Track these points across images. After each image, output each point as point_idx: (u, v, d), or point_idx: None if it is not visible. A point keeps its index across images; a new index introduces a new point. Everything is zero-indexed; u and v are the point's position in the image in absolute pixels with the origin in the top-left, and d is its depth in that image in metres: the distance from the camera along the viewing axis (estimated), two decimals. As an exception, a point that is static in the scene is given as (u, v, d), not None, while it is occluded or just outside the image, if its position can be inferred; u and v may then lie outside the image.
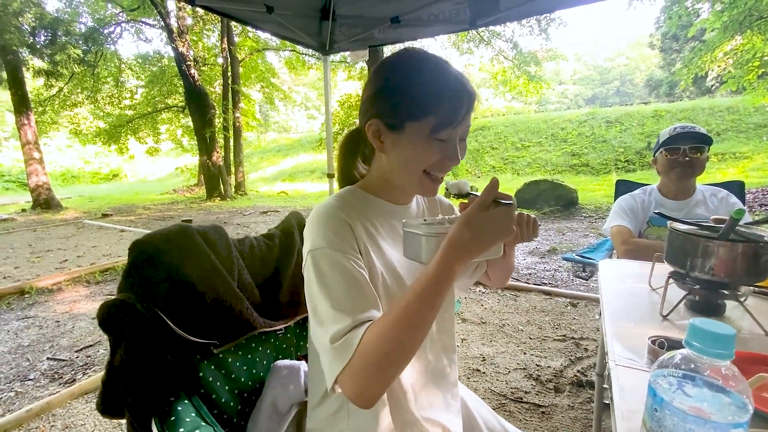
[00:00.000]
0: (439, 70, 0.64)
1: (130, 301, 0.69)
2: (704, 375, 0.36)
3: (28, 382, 2.17)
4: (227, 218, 8.25)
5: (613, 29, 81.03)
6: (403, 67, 0.66)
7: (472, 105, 0.64)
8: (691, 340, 0.36)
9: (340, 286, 0.59)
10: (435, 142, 0.64)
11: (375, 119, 0.66)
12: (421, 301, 0.55)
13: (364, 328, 0.56)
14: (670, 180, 1.61)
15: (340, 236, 0.63)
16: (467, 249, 0.56)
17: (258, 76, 14.46)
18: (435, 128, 0.63)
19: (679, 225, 0.92)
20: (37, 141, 10.06)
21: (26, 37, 9.39)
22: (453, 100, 0.62)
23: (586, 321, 2.63)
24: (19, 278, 4.09)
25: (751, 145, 10.99)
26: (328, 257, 0.61)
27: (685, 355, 0.37)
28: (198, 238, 0.83)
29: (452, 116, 0.62)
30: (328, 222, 0.65)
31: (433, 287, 0.55)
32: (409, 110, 0.63)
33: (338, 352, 0.55)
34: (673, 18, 9.01)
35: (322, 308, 0.59)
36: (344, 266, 0.61)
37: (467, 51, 12.47)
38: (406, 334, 0.54)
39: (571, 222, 6.28)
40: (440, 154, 0.65)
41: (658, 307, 0.91)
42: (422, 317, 0.55)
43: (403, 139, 0.65)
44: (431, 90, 0.62)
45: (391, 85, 0.65)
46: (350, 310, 0.57)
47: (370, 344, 0.54)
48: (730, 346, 0.34)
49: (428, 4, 2.11)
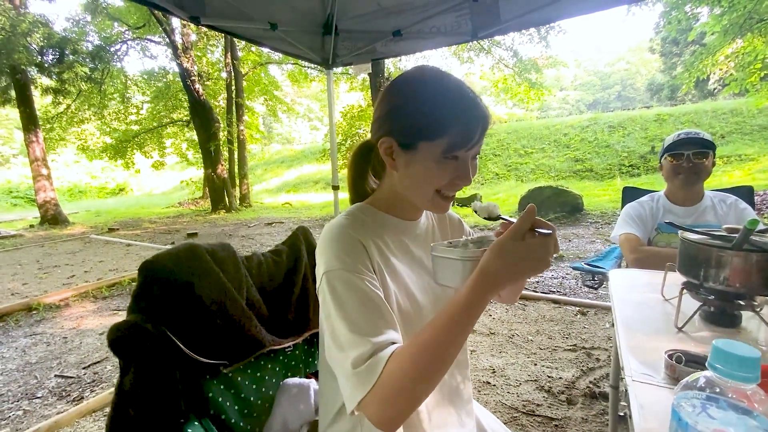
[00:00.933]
0: (454, 90, 0.63)
1: (140, 323, 0.69)
2: (729, 397, 0.35)
3: (36, 400, 2.17)
4: (232, 230, 8.28)
5: (612, 35, 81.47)
6: (418, 87, 0.65)
7: (487, 127, 0.64)
8: (715, 362, 0.35)
9: (356, 308, 0.58)
10: (447, 162, 0.63)
11: (388, 137, 0.66)
12: (451, 329, 0.54)
13: (388, 352, 0.55)
14: (675, 186, 1.60)
15: (354, 256, 0.63)
16: (499, 279, 0.54)
17: (261, 89, 14.67)
18: (448, 149, 0.62)
19: (691, 235, 0.90)
20: (45, 157, 10.22)
21: (35, 57, 9.60)
22: (468, 122, 0.62)
23: (596, 330, 2.59)
24: (26, 294, 4.12)
25: (756, 147, 10.91)
26: (342, 279, 0.60)
27: (709, 378, 0.36)
28: (207, 257, 0.83)
29: (466, 138, 0.62)
30: (341, 242, 0.64)
31: (464, 316, 0.54)
32: (422, 130, 0.62)
33: (361, 377, 0.54)
34: (673, 23, 9.04)
35: (341, 332, 0.57)
36: (360, 287, 0.60)
37: (468, 60, 12.57)
38: (434, 362, 0.53)
39: (577, 228, 6.24)
40: (452, 175, 0.64)
41: (672, 318, 0.89)
42: (451, 345, 0.54)
43: (416, 159, 0.64)
44: (446, 111, 0.62)
45: (405, 104, 0.65)
46: (369, 332, 0.56)
47: (397, 371, 0.53)
48: (756, 369, 0.33)
49: (430, 17, 2.13)
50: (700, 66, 8.26)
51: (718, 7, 7.54)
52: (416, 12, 2.14)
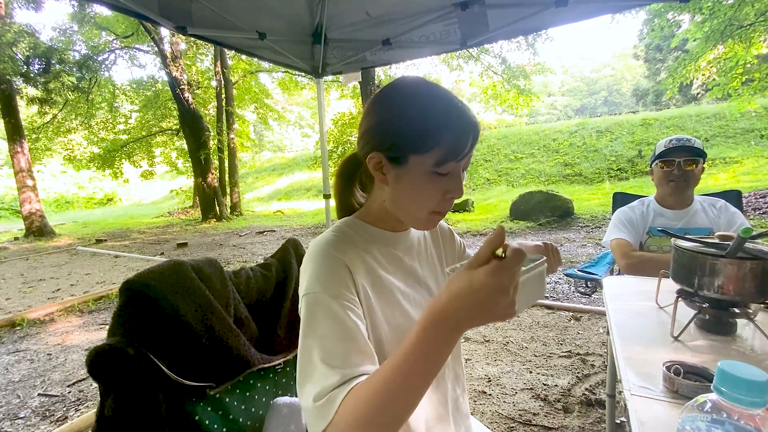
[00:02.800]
0: (442, 100, 0.61)
1: (119, 346, 0.65)
2: (734, 420, 0.34)
3: (19, 421, 2.09)
4: (223, 240, 8.18)
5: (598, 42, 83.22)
6: (404, 98, 0.63)
7: (477, 136, 0.62)
8: (721, 385, 0.33)
9: (331, 337, 0.55)
10: (439, 176, 0.61)
11: (376, 152, 0.63)
12: (405, 373, 0.47)
13: (348, 387, 0.51)
14: (666, 192, 1.62)
15: (336, 280, 0.60)
16: (453, 323, 0.46)
17: (252, 97, 14.63)
18: (440, 161, 0.60)
19: (685, 243, 0.90)
20: (31, 168, 10.03)
21: (20, 67, 9.46)
22: (458, 132, 0.60)
23: (590, 335, 2.59)
24: (10, 310, 4.00)
25: (740, 150, 11.16)
26: (322, 304, 0.58)
27: (714, 402, 0.35)
28: (192, 274, 0.80)
29: (458, 149, 0.60)
30: (323, 263, 0.62)
31: (419, 362, 0.47)
32: (412, 143, 0.60)
33: (319, 412, 0.51)
34: (656, 30, 9.26)
35: (312, 359, 0.55)
36: (337, 315, 0.57)
37: (457, 67, 12.71)
38: (390, 407, 0.48)
39: (568, 233, 6.28)
40: (444, 189, 0.63)
41: (668, 327, 0.88)
42: (409, 392, 0.48)
43: (407, 173, 0.62)
44: (435, 122, 0.59)
45: (392, 116, 0.63)
46: (340, 365, 0.53)
47: (350, 411, 0.49)
48: (765, 394, 0.32)
49: (419, 26, 2.14)
50: (683, 72, 8.44)
51: (699, 15, 7.74)
52: (405, 21, 2.15)
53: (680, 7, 7.87)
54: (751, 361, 0.79)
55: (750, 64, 7.68)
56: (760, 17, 7.21)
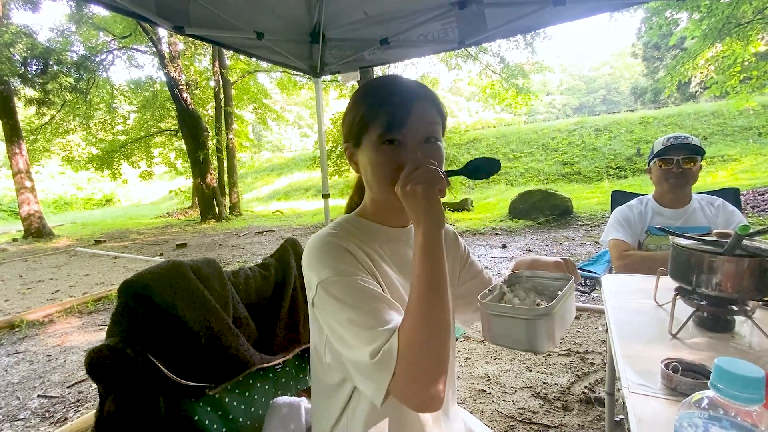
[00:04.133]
0: (385, 83, 0.68)
1: (118, 347, 0.65)
2: (732, 417, 0.34)
3: (18, 423, 2.08)
4: (222, 240, 8.18)
5: (596, 40, 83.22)
6: (359, 91, 0.70)
7: (424, 104, 0.65)
8: (718, 382, 0.33)
9: (359, 307, 0.59)
10: (386, 146, 0.64)
11: (345, 143, 0.71)
12: (429, 283, 0.57)
13: (395, 334, 0.56)
14: (664, 190, 1.62)
15: (343, 261, 0.63)
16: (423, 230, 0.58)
17: (250, 97, 14.61)
18: (383, 132, 0.63)
19: (683, 240, 0.90)
20: (29, 169, 10.02)
21: (18, 68, 9.44)
22: (397, 102, 0.64)
23: (589, 333, 2.59)
24: (9, 311, 3.99)
25: (738, 148, 11.18)
26: (338, 284, 0.61)
27: (711, 398, 0.35)
28: (190, 274, 0.80)
29: (397, 116, 0.63)
30: (327, 251, 0.64)
31: (431, 266, 0.57)
32: (361, 124, 0.66)
33: (381, 365, 0.54)
34: (654, 28, 9.26)
35: (351, 334, 0.58)
36: (356, 287, 0.60)
37: (456, 66, 12.71)
38: (431, 317, 0.56)
39: (567, 231, 6.29)
40: (395, 161, 0.64)
41: (666, 325, 0.88)
42: (436, 298, 0.57)
43: (364, 152, 0.67)
44: (376, 99, 0.66)
45: (349, 108, 0.70)
46: (377, 324, 0.57)
47: (406, 345, 0.54)
48: (761, 390, 0.32)
49: (417, 25, 2.14)
50: (681, 70, 8.45)
51: (697, 13, 7.75)
52: (403, 20, 2.14)
53: (678, 5, 7.88)
54: (749, 358, 0.79)
55: (748, 62, 7.69)
56: (758, 15, 7.22)
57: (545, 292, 0.77)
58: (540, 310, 0.59)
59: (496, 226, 7.11)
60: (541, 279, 0.79)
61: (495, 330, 0.62)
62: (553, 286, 0.77)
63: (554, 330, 0.61)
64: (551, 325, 0.60)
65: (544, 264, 0.81)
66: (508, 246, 5.65)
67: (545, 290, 0.77)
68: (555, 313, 0.60)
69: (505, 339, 0.62)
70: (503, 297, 0.74)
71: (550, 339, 0.60)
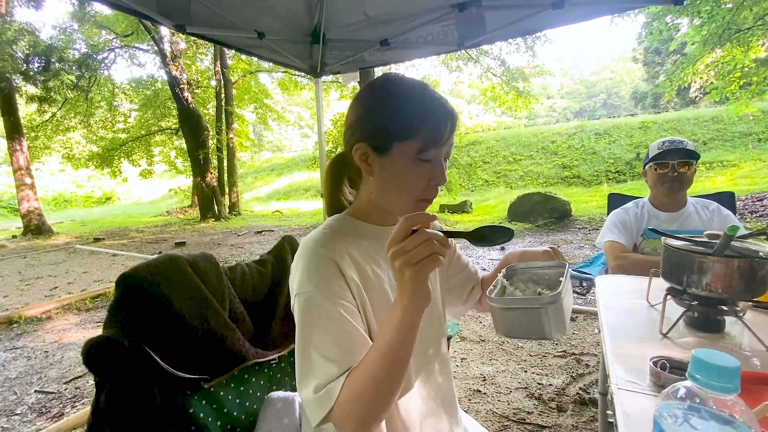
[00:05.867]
0: (420, 92, 0.65)
1: (115, 338, 0.66)
2: (710, 407, 0.35)
3: (15, 417, 2.09)
4: (221, 239, 8.18)
5: (597, 44, 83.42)
6: (387, 91, 0.66)
7: (455, 125, 0.65)
8: (695, 372, 0.35)
9: (326, 333, 0.59)
10: (422, 163, 0.64)
11: (361, 143, 0.66)
12: (383, 349, 0.56)
13: (346, 376, 0.56)
14: (660, 193, 1.63)
15: (327, 278, 0.62)
16: (399, 291, 0.56)
17: (251, 97, 14.62)
18: (422, 148, 0.63)
19: (674, 241, 0.91)
20: (29, 166, 10.02)
21: (20, 65, 9.46)
22: (437, 119, 0.63)
23: (585, 335, 2.60)
24: (7, 307, 4.00)
25: (737, 154, 11.22)
26: (315, 304, 0.60)
27: (689, 388, 0.36)
28: (187, 268, 0.81)
29: (437, 135, 0.63)
30: (314, 262, 0.63)
31: (393, 335, 0.55)
32: (395, 131, 0.63)
33: (319, 401, 0.56)
34: (654, 33, 9.29)
35: (311, 355, 0.59)
36: (331, 313, 0.60)
37: (456, 69, 12.73)
38: (379, 379, 0.55)
39: (565, 234, 6.30)
40: (428, 176, 0.65)
41: (658, 325, 0.89)
42: (390, 361, 0.55)
43: (391, 161, 0.65)
44: (416, 111, 0.63)
45: (376, 108, 0.66)
46: (337, 358, 0.57)
47: (347, 392, 0.55)
48: (736, 379, 0.33)
49: (417, 26, 2.15)
50: (681, 75, 8.47)
51: (697, 18, 7.78)
52: (403, 22, 2.16)
53: (678, 11, 7.90)
54: (738, 358, 0.80)
55: (748, 68, 7.71)
56: (759, 21, 7.24)
57: (541, 281, 0.79)
58: (547, 297, 0.60)
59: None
60: (536, 269, 0.81)
61: (507, 322, 0.63)
62: (548, 274, 0.79)
63: (564, 315, 0.63)
64: (560, 310, 0.61)
65: (534, 254, 0.82)
66: (506, 248, 5.65)
67: (541, 279, 0.79)
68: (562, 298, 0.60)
69: (519, 330, 0.62)
70: (505, 291, 0.75)
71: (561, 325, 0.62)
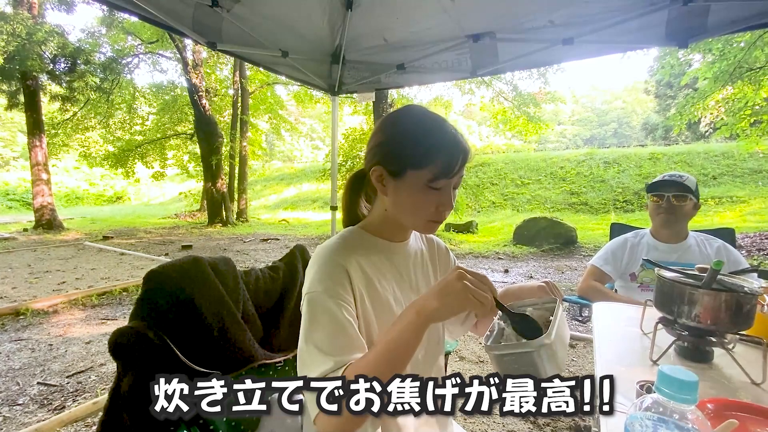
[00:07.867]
0: (438, 126, 0.72)
1: (142, 330, 0.72)
2: (674, 419, 0.40)
3: (17, 407, 2.13)
4: (227, 245, 8.27)
5: (609, 74, 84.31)
6: (407, 122, 0.75)
7: (467, 159, 0.72)
8: (661, 385, 0.40)
9: (328, 330, 0.65)
10: (431, 190, 0.71)
11: (379, 166, 0.74)
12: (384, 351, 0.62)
13: (342, 371, 0.61)
14: (657, 224, 1.68)
15: (335, 281, 0.69)
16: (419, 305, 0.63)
17: (266, 107, 14.94)
18: (433, 178, 0.70)
19: (666, 272, 0.96)
20: (47, 162, 10.28)
21: (47, 65, 9.82)
22: (450, 153, 0.70)
23: (584, 363, 2.60)
24: (15, 299, 4.08)
25: (747, 190, 11.17)
26: (321, 302, 0.67)
27: (656, 399, 0.41)
28: (208, 270, 0.88)
29: (448, 168, 0.70)
30: (326, 267, 0.71)
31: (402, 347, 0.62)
32: (410, 160, 0.71)
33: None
34: (666, 67, 9.43)
35: (311, 349, 0.64)
36: (334, 312, 0.66)
37: (469, 91, 12.96)
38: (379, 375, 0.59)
39: (570, 260, 6.30)
40: (436, 202, 0.72)
41: (648, 352, 0.93)
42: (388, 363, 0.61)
43: (404, 186, 0.72)
44: (431, 143, 0.70)
45: (395, 136, 0.74)
46: (335, 353, 0.63)
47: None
48: (694, 392, 0.38)
49: (432, 53, 2.26)
50: (691, 109, 8.54)
51: (709, 55, 7.90)
52: (420, 48, 2.26)
53: (691, 47, 8.04)
54: (725, 390, 0.83)
55: (759, 107, 7.77)
56: (770, 61, 7.33)
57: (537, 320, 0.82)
58: (536, 342, 0.64)
59: (499, 250, 7.13)
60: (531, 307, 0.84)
61: (504, 367, 0.68)
62: (543, 309, 0.82)
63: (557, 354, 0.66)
64: (553, 351, 0.65)
65: (530, 290, 0.86)
66: (510, 271, 5.66)
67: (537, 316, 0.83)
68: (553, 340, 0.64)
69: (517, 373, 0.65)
70: (503, 333, 0.79)
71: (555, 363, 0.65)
